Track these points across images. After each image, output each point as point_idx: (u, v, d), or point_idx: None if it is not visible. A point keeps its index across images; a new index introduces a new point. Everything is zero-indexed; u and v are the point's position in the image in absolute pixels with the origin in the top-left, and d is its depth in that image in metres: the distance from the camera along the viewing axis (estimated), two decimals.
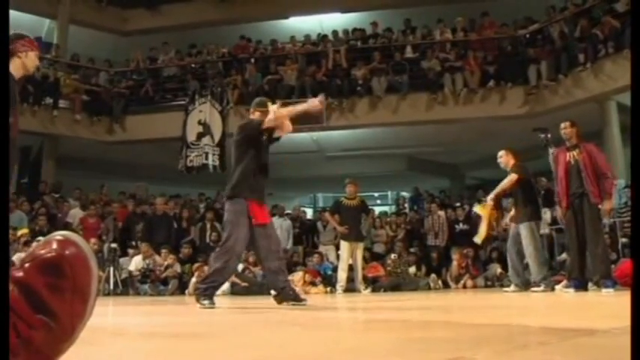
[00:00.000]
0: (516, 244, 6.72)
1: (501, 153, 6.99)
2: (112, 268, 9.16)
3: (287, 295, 4.52)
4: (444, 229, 10.59)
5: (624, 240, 8.27)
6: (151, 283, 9.13)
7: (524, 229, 6.57)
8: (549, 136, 6.64)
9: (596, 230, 5.93)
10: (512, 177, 6.66)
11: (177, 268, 9.40)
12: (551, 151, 6.52)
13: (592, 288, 5.91)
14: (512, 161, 6.89)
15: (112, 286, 9.07)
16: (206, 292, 4.46)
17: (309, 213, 14.51)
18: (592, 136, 8.60)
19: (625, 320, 2.38)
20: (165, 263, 9.29)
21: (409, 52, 12.31)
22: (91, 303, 1.02)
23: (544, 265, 6.75)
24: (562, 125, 6.26)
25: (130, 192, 12.29)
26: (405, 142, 13.51)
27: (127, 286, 9.29)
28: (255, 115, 4.75)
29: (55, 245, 1.00)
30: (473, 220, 10.70)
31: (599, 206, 5.85)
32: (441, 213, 10.79)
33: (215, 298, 4.53)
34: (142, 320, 3.70)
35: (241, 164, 4.59)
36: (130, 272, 9.35)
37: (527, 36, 11.80)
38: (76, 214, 10.54)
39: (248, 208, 4.46)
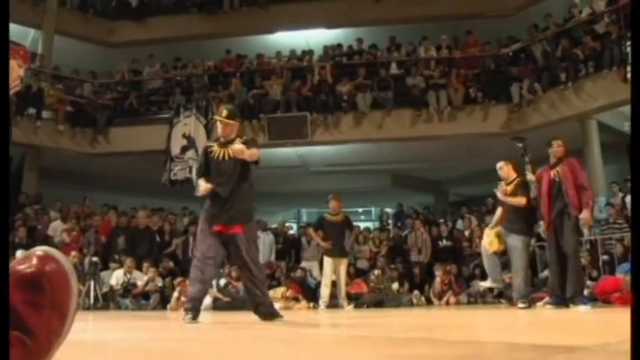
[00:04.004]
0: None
1: (501, 164, 6.79)
2: (92, 282, 9.04)
3: (263, 311, 4.50)
4: (427, 245, 10.59)
5: (605, 257, 8.35)
6: (132, 297, 9.03)
7: (519, 242, 6.40)
8: (527, 145, 6.66)
9: (575, 248, 5.99)
10: (521, 201, 6.47)
11: (159, 282, 9.31)
12: (527, 159, 6.53)
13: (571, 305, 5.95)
14: (513, 173, 6.69)
15: (92, 301, 8.94)
16: (189, 306, 4.44)
17: (294, 228, 14.45)
18: (573, 154, 8.66)
19: (604, 337, 2.40)
20: (146, 278, 9.19)
21: (394, 69, 12.42)
22: (69, 320, 1.00)
23: (528, 283, 6.72)
24: (555, 143, 6.25)
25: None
26: (389, 158, 13.57)
27: (107, 301, 9.18)
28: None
29: (35, 261, 0.98)
30: (456, 237, 10.80)
31: (580, 216, 5.89)
32: (424, 229, 10.82)
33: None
34: (122, 335, 3.65)
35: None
36: (111, 286, 9.24)
37: (511, 54, 11.97)
38: (57, 226, 10.40)
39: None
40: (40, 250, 1.02)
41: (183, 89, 12.95)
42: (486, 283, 7.05)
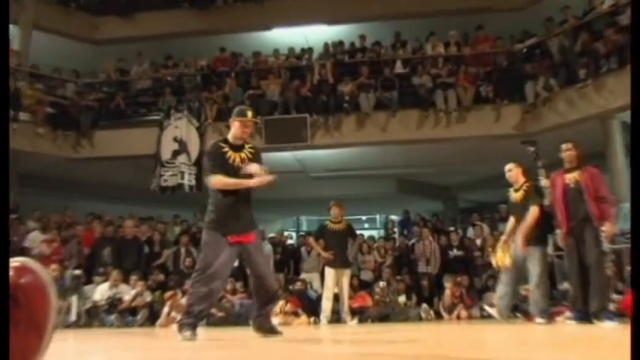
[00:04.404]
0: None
1: (510, 166, 6.73)
2: (74, 297, 8.96)
3: (262, 325, 4.56)
4: (436, 255, 10.56)
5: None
6: (118, 313, 8.95)
7: (535, 253, 6.32)
8: (538, 149, 6.60)
9: (598, 259, 5.89)
10: (535, 211, 6.33)
11: (147, 296, 9.23)
12: (539, 164, 6.47)
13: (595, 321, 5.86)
14: (522, 178, 6.66)
15: (74, 318, 8.86)
16: (189, 322, 4.39)
17: (293, 237, 14.43)
18: (594, 156, 8.65)
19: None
20: (134, 292, 9.11)
21: (399, 67, 12.39)
22: (47, 337, 0.96)
23: (546, 296, 6.62)
24: (564, 147, 6.18)
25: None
26: (395, 162, 13.55)
27: (91, 317, 9.09)
28: (234, 126, 4.69)
29: (10, 272, 0.95)
30: (467, 246, 10.73)
31: (602, 228, 5.82)
32: (433, 238, 10.77)
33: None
34: (108, 357, 3.57)
35: (213, 193, 4.58)
36: (95, 302, 9.16)
37: (525, 50, 11.94)
38: (35, 237, 10.30)
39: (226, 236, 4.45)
40: (15, 261, 0.99)
41: (174, 90, 12.91)
42: (491, 311, 6.97)
